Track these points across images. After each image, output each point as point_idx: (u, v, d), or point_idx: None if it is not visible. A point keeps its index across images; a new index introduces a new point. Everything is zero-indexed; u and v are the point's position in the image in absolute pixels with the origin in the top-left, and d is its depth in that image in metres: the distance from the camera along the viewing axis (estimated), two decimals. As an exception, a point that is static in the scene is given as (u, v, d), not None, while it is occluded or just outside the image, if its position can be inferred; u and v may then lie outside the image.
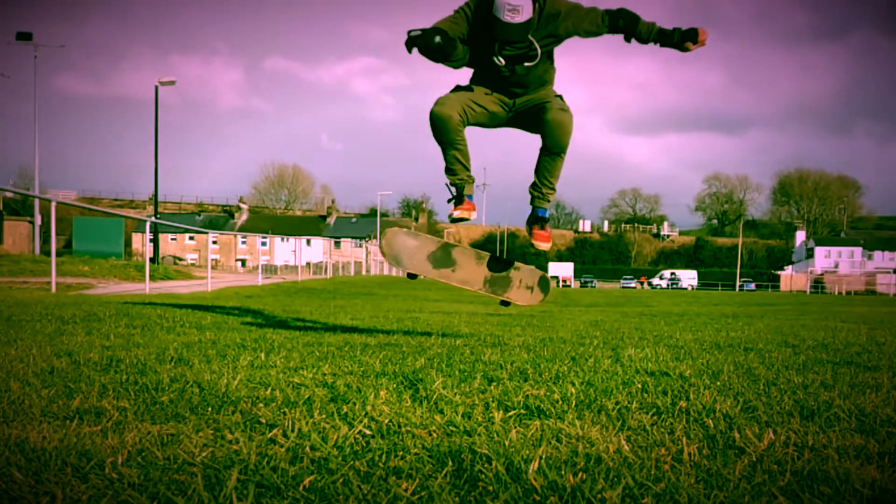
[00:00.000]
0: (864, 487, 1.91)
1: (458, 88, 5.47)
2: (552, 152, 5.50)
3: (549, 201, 5.79)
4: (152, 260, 32.05)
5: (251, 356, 4.33)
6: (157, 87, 36.98)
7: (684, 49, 5.30)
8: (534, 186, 5.69)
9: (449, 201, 5.71)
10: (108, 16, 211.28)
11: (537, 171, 5.65)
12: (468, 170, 5.58)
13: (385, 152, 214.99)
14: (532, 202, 5.77)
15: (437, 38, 4.93)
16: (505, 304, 5.96)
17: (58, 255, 14.37)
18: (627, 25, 5.29)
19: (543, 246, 5.81)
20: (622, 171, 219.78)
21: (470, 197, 5.64)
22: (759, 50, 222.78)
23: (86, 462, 2.02)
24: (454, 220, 5.68)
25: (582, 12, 5.24)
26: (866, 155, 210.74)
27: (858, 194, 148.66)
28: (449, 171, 5.56)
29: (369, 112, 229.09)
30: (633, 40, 5.36)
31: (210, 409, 2.77)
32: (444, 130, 5.34)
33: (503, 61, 5.26)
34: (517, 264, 5.98)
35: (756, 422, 2.70)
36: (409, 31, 4.95)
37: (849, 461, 2.19)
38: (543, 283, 5.98)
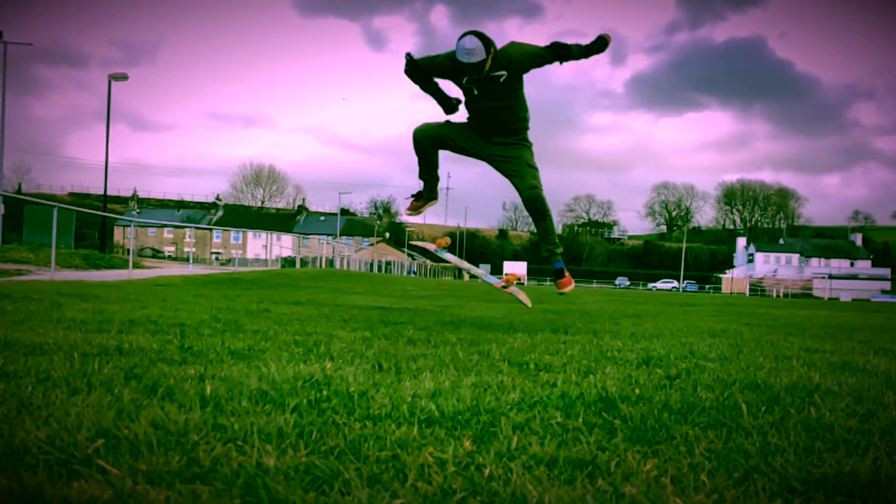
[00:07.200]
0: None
1: (446, 122, 7.23)
2: (536, 220, 7.15)
3: (558, 254, 7.37)
4: (100, 249, 32.97)
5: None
6: (109, 81, 36.98)
7: (602, 50, 6.80)
8: (543, 248, 7.35)
9: (410, 197, 7.76)
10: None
11: (539, 236, 7.34)
12: (430, 173, 7.45)
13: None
14: (549, 259, 7.40)
15: (406, 65, 6.88)
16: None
17: (7, 242, 15.08)
18: (564, 48, 6.79)
19: (566, 290, 7.49)
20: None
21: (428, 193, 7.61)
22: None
23: None
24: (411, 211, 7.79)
25: (529, 49, 6.76)
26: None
27: (797, 204, 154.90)
28: (420, 171, 7.44)
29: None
30: (566, 61, 6.87)
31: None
32: (417, 148, 7.20)
33: (469, 94, 6.87)
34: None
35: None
36: (406, 54, 6.91)
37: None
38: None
